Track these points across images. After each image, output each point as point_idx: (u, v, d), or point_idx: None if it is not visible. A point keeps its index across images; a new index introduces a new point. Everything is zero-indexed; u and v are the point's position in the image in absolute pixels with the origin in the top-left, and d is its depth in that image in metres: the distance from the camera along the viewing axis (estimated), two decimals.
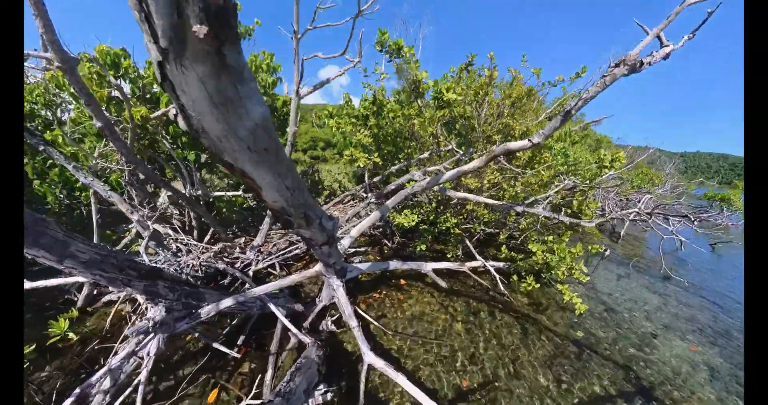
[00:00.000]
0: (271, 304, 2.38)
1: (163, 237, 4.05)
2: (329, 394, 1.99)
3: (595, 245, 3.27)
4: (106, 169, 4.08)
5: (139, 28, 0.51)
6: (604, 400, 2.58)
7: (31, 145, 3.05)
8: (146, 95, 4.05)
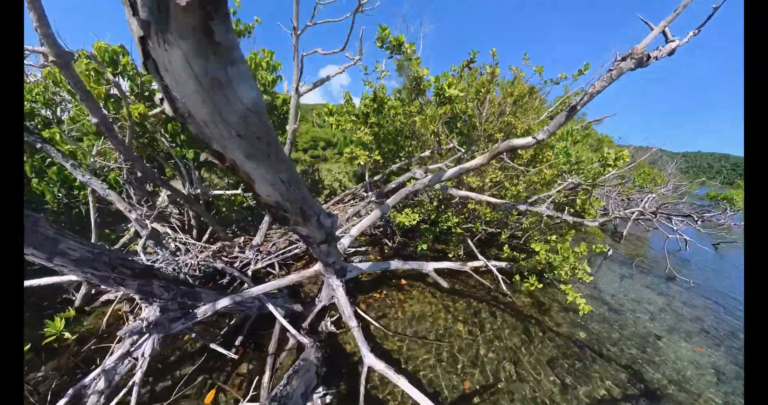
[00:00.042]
0: (270, 305, 2.34)
1: (162, 236, 4.02)
2: (328, 397, 1.94)
3: (599, 245, 3.23)
4: (104, 167, 4.05)
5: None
6: (608, 403, 2.54)
7: (29, 143, 3.01)
8: (145, 93, 4.01)
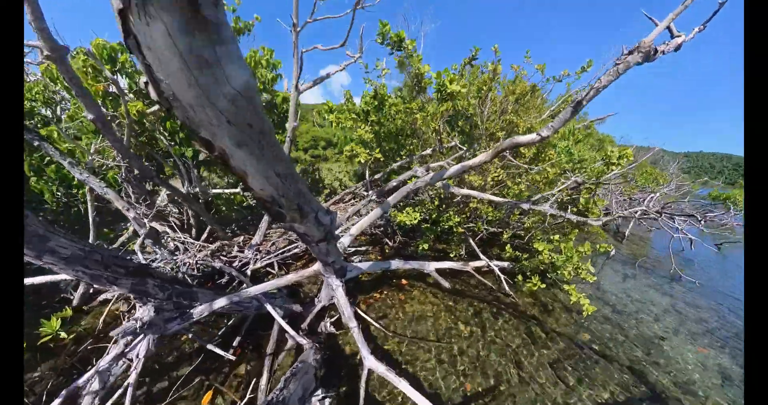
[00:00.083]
0: (268, 305, 2.29)
1: (161, 235, 3.98)
2: (327, 400, 1.89)
3: (603, 244, 3.18)
4: (103, 165, 4.02)
5: None
6: None
7: (27, 141, 2.98)
8: (143, 90, 3.98)
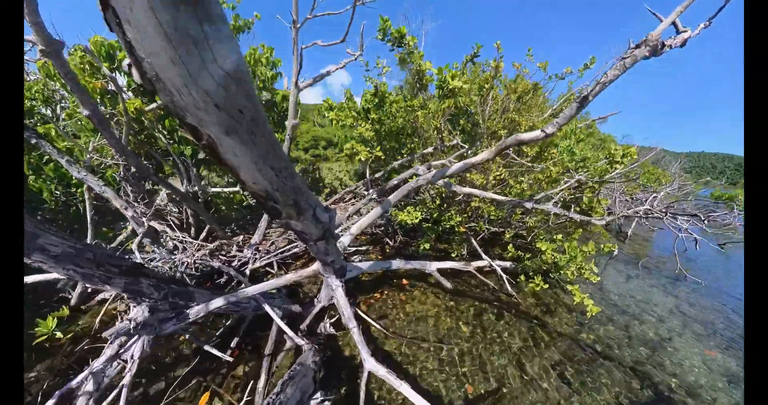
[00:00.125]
0: (266, 305, 2.25)
1: (160, 234, 3.94)
2: (326, 404, 1.85)
3: (608, 244, 3.13)
4: (102, 164, 3.98)
5: None
6: None
7: (25, 139, 2.94)
8: (142, 88, 3.94)
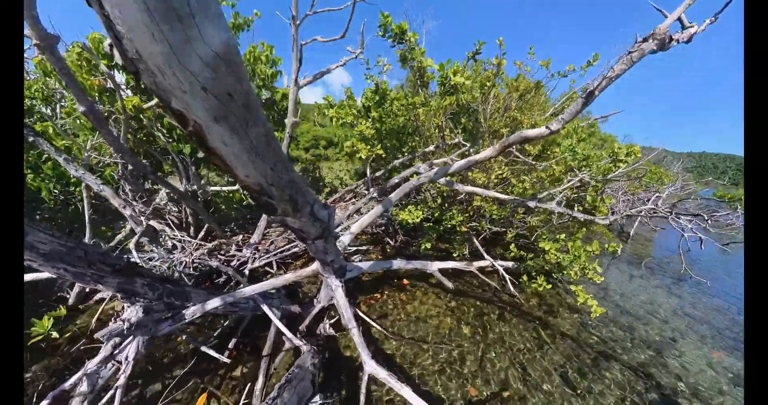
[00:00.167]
0: (264, 306, 2.21)
1: (159, 233, 3.91)
2: None
3: (612, 244, 3.08)
4: (100, 162, 3.95)
5: None
6: None
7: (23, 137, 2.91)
8: (141, 85, 3.91)
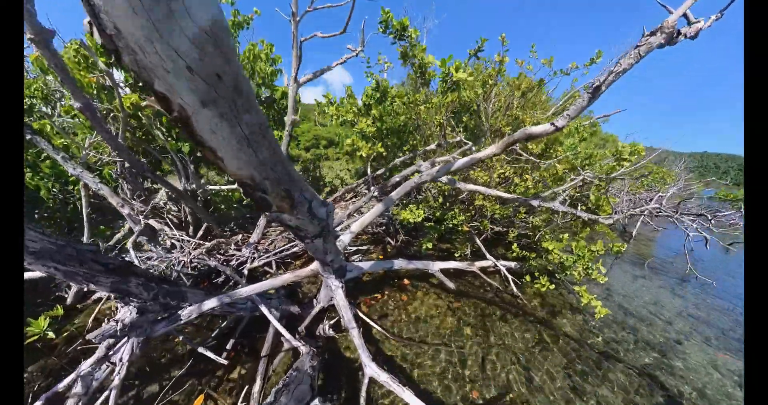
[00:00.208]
0: (263, 306, 2.16)
1: (158, 232, 3.87)
2: None
3: (617, 244, 3.04)
4: (99, 161, 3.92)
5: None
6: None
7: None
8: (140, 83, 3.88)
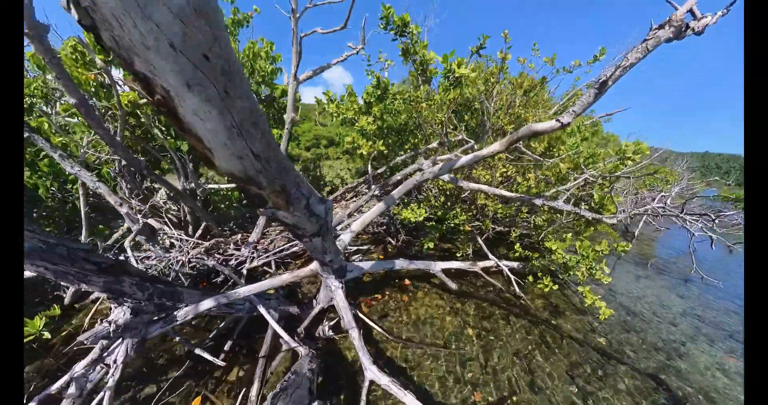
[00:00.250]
0: (261, 307, 2.12)
1: (157, 232, 3.84)
2: None
3: (622, 243, 2.99)
4: (96, 159, 3.89)
5: None
6: None
7: None
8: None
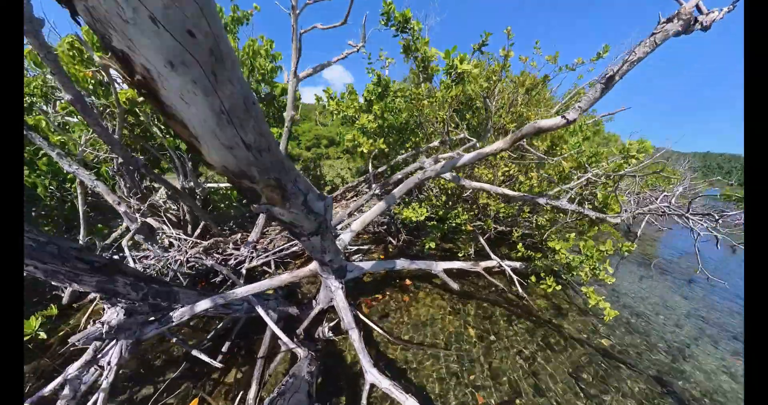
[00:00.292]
0: (259, 308, 2.08)
1: (156, 231, 3.81)
2: None
3: (626, 243, 2.94)
4: (94, 158, 3.86)
5: None
6: None
7: None
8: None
